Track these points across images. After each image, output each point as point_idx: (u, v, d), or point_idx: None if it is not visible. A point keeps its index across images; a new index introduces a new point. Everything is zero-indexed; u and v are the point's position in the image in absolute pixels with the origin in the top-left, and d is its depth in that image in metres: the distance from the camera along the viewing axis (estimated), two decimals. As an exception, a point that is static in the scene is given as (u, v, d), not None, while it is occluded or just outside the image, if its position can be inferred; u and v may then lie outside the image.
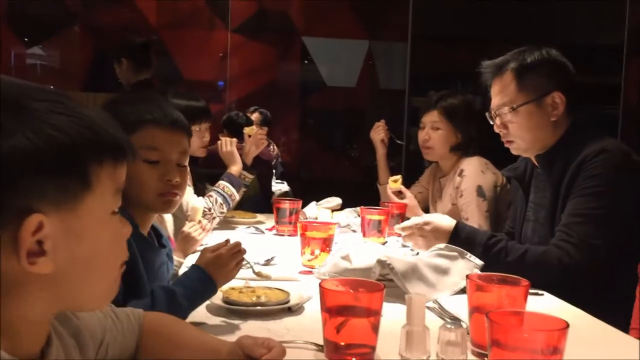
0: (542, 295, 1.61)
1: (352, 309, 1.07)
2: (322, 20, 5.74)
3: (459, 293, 1.53)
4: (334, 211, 2.71)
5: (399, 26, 5.29)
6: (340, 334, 1.06)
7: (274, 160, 5.33)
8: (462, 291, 1.51)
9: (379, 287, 1.11)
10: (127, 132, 1.30)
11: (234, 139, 2.69)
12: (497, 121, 1.87)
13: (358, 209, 2.52)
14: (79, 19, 5.50)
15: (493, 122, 1.89)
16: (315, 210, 2.62)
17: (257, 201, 3.46)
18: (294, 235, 2.32)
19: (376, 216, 2.24)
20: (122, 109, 1.35)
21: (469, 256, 1.64)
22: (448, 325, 1.10)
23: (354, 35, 5.73)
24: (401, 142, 3.15)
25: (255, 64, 5.76)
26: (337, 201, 2.76)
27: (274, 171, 5.15)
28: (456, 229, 1.80)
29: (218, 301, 1.38)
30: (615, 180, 1.69)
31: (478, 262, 1.63)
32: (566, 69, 1.84)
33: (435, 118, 2.61)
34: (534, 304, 1.36)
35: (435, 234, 1.82)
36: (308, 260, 1.83)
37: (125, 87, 3.65)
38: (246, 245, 1.40)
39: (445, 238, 1.78)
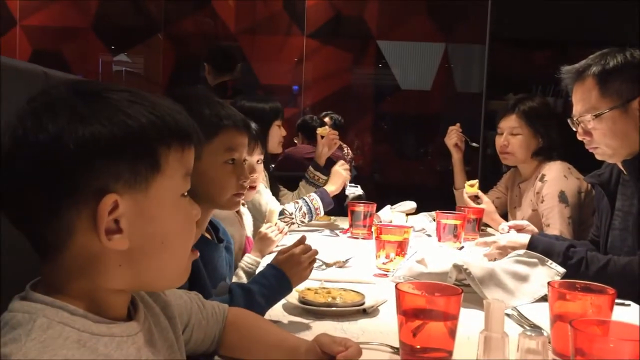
0: (628, 305, 1.53)
1: (429, 312, 1.06)
2: (397, 23, 5.71)
3: (538, 301, 1.49)
4: (408, 215, 2.69)
5: (476, 28, 5.19)
6: (417, 337, 1.06)
7: (348, 164, 5.35)
8: (542, 299, 1.46)
9: (457, 291, 1.09)
10: (209, 135, 1.36)
11: (344, 163, 2.78)
12: (579, 129, 1.79)
13: (433, 213, 2.49)
14: (162, 27, 5.73)
15: (575, 129, 1.82)
16: (390, 214, 2.62)
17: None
18: (368, 239, 2.32)
19: (452, 221, 2.21)
20: (203, 112, 1.40)
21: (550, 263, 1.59)
22: (528, 332, 1.07)
23: (430, 38, 5.67)
24: (476, 145, 3.08)
25: (330, 68, 5.80)
26: (411, 205, 2.74)
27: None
28: (532, 243, 1.75)
29: (294, 301, 1.40)
30: None
31: (560, 269, 1.57)
32: None
33: (514, 123, 2.54)
34: (620, 314, 1.30)
35: (513, 250, 1.78)
36: (383, 263, 1.82)
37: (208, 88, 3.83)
38: (321, 247, 1.42)
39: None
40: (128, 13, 5.72)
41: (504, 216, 2.59)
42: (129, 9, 5.71)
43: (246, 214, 2.27)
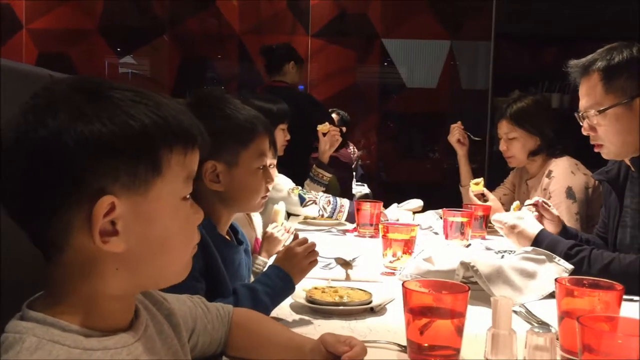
0: (637, 301, 1.52)
1: (436, 310, 1.06)
2: (402, 21, 5.70)
3: (546, 297, 1.49)
4: (415, 213, 2.68)
5: (481, 25, 5.17)
6: (424, 335, 1.06)
7: (354, 162, 5.35)
8: (549, 296, 1.46)
9: (464, 288, 1.09)
10: (245, 141, 1.38)
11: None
12: (584, 123, 1.79)
13: (440, 211, 2.49)
14: (168, 28, 5.75)
15: (582, 124, 1.81)
16: (397, 212, 2.61)
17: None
18: (375, 237, 2.32)
19: (459, 218, 2.21)
20: (238, 117, 1.40)
21: (558, 260, 1.58)
22: (536, 329, 1.07)
23: (435, 35, 5.65)
24: (479, 138, 3.08)
25: (335, 67, 5.79)
26: (418, 203, 2.74)
27: (354, 173, 5.17)
28: (539, 236, 1.74)
29: (301, 300, 1.40)
30: None
31: (567, 266, 1.57)
32: None
33: (506, 129, 2.55)
34: (628, 310, 1.30)
35: (519, 238, 1.78)
36: (390, 261, 1.82)
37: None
38: (328, 246, 1.42)
39: (528, 244, 1.74)
40: (133, 15, 5.74)
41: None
42: (134, 10, 5.72)
43: (256, 215, 2.27)
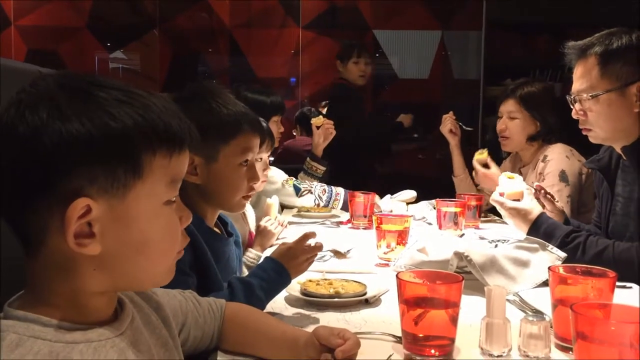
0: (630, 288, 1.54)
1: (431, 300, 1.06)
2: (392, 13, 5.68)
3: (540, 286, 1.49)
4: (408, 204, 2.69)
5: (472, 14, 5.16)
6: (419, 325, 1.06)
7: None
8: (543, 284, 1.46)
9: (457, 278, 1.09)
10: (227, 137, 1.36)
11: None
12: (576, 106, 1.79)
13: (433, 201, 2.50)
14: (158, 22, 5.71)
15: (572, 107, 1.81)
16: (390, 203, 2.62)
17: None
18: (369, 229, 2.32)
19: (452, 208, 2.21)
20: (221, 112, 1.39)
21: (551, 248, 1.59)
22: (530, 317, 1.07)
23: (426, 26, 5.64)
24: (470, 128, 3.09)
25: (326, 59, 5.77)
26: (411, 194, 2.74)
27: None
28: (539, 219, 1.75)
29: (296, 293, 1.40)
30: None
31: (560, 254, 1.57)
32: None
33: (511, 107, 2.55)
34: (621, 297, 1.30)
35: (519, 217, 1.79)
36: (384, 253, 1.82)
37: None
38: (322, 238, 1.42)
39: (527, 226, 1.75)
40: (123, 10, 5.69)
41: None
42: (123, 6, 5.68)
43: (249, 209, 2.27)
